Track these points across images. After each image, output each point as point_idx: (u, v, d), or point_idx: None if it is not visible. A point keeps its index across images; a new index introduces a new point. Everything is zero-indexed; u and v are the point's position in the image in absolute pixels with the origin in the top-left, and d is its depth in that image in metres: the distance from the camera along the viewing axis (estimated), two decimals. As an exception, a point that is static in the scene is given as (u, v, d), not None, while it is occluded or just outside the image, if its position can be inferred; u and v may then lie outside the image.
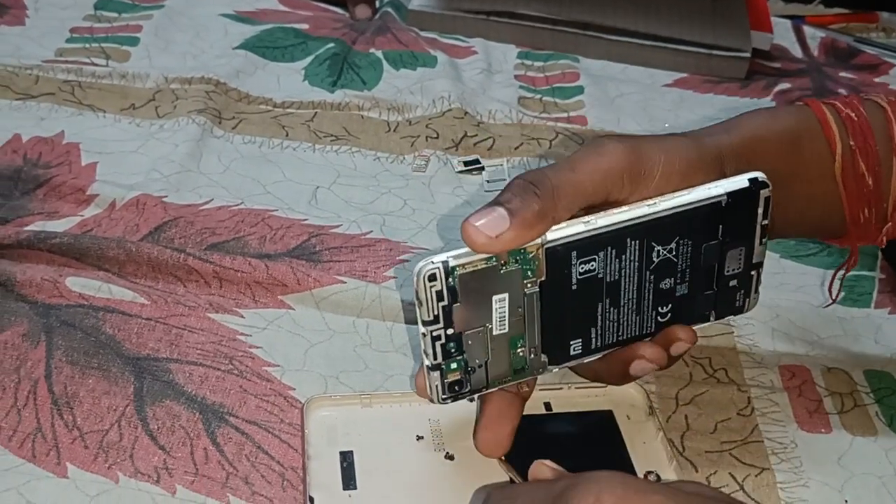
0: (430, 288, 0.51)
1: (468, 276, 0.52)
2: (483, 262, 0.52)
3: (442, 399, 0.55)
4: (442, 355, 0.54)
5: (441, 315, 0.52)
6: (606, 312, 0.56)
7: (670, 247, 0.55)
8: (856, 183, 0.61)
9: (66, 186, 0.78)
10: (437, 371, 0.54)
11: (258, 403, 0.63)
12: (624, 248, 0.54)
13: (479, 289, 0.53)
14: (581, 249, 0.53)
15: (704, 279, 0.58)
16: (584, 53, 1.05)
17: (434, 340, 0.53)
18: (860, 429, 0.66)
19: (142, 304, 0.68)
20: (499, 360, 0.55)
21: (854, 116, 0.61)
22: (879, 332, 0.74)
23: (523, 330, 0.55)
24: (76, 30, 1.00)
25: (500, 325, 0.54)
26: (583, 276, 0.54)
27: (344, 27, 1.06)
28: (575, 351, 0.57)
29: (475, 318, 0.53)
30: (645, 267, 0.55)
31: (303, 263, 0.73)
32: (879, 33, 1.17)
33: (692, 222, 0.55)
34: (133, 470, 0.58)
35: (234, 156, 0.84)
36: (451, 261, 0.51)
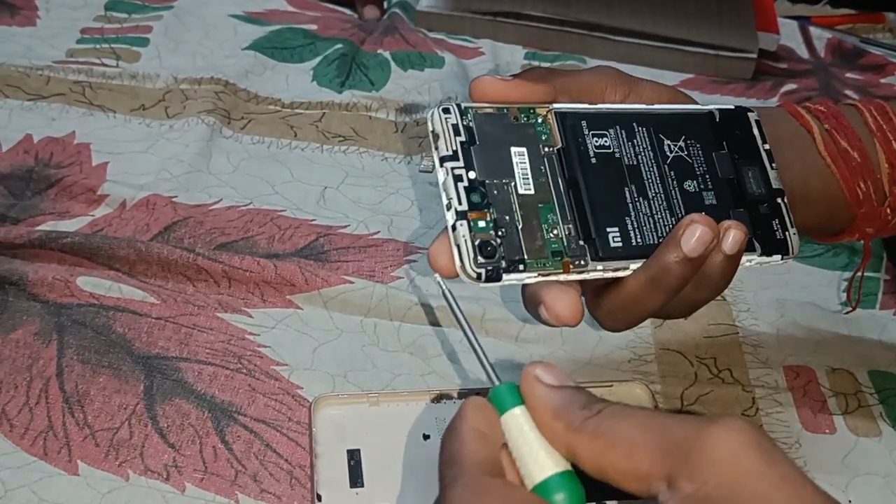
0: (446, 121, 0.50)
1: (483, 116, 0.51)
2: (493, 108, 0.52)
3: (475, 265, 0.49)
4: (467, 203, 0.49)
5: (461, 152, 0.50)
6: (636, 202, 0.54)
7: (679, 144, 0.56)
8: (842, 157, 0.62)
9: (77, 186, 0.79)
10: (463, 222, 0.49)
11: (266, 402, 0.63)
12: (633, 132, 0.55)
13: (496, 135, 0.51)
14: (591, 121, 0.54)
15: (729, 192, 0.56)
16: (590, 54, 1.06)
17: (456, 181, 0.49)
18: (864, 429, 0.66)
19: (152, 304, 0.69)
20: (531, 230, 0.51)
21: (823, 109, 0.64)
22: (884, 333, 0.74)
23: (552, 198, 0.52)
24: (87, 30, 1.01)
25: (525, 182, 0.51)
26: (599, 151, 0.54)
27: (352, 28, 1.06)
28: (615, 242, 0.53)
29: (496, 168, 0.50)
30: (661, 159, 0.55)
31: (311, 263, 0.73)
32: (886, 34, 1.17)
33: (693, 126, 0.57)
34: (143, 468, 0.59)
35: (243, 156, 0.85)
36: (462, 103, 0.51)
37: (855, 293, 0.74)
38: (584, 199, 0.52)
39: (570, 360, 0.69)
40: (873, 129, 0.63)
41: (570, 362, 0.68)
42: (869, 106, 0.64)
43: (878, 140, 0.63)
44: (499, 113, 0.52)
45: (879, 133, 0.63)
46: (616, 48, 1.06)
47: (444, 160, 0.50)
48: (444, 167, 0.50)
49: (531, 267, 0.51)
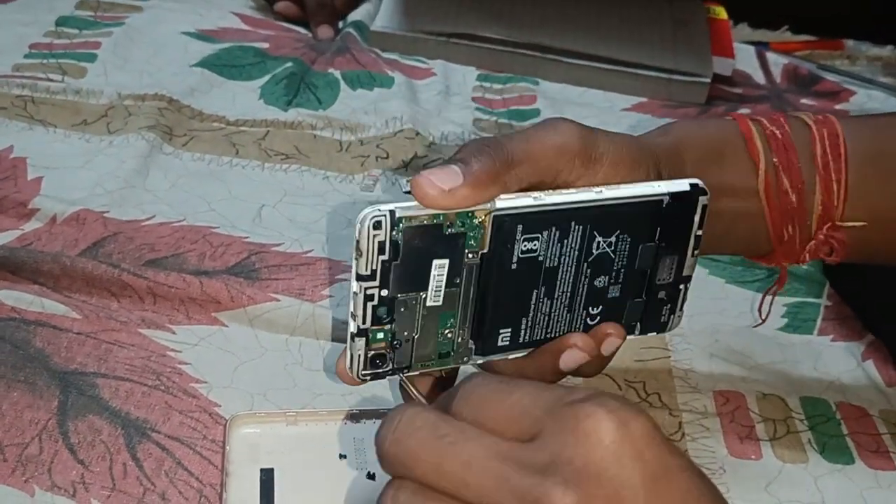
0: (373, 237, 0.50)
1: (413, 230, 0.50)
2: (430, 218, 0.51)
3: (361, 374, 0.53)
4: (371, 320, 0.51)
5: (379, 271, 0.50)
6: (540, 303, 0.55)
7: (610, 240, 0.55)
8: (779, 199, 0.61)
9: (8, 200, 0.78)
10: (362, 338, 0.52)
11: (182, 420, 0.62)
12: (567, 231, 0.54)
13: (422, 248, 0.51)
14: (527, 224, 0.53)
15: (636, 284, 0.57)
16: (544, 76, 1.06)
17: (366, 300, 0.51)
18: (791, 456, 0.65)
19: (73, 319, 0.68)
20: (426, 338, 0.54)
21: (778, 134, 0.62)
22: (819, 360, 0.73)
23: (456, 306, 0.54)
24: (35, 45, 1.00)
25: (435, 295, 0.52)
26: (524, 256, 0.53)
27: (304, 47, 1.06)
28: (503, 342, 0.56)
29: (411, 283, 0.52)
30: (584, 258, 0.55)
31: (239, 280, 0.73)
32: (844, 61, 1.17)
33: (634, 218, 0.56)
34: (50, 484, 0.58)
35: (182, 173, 0.84)
36: (398, 211, 0.50)
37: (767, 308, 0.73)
38: (487, 305, 0.54)
39: (496, 381, 0.68)
40: (819, 165, 0.61)
41: (495, 384, 0.67)
42: (822, 130, 0.62)
43: (820, 179, 0.61)
44: (433, 223, 0.51)
45: (824, 171, 0.61)
46: (569, 71, 1.05)
47: (360, 277, 0.51)
48: (359, 283, 0.51)
49: (415, 368, 0.54)
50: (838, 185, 0.61)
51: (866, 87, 1.10)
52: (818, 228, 0.62)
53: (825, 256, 0.62)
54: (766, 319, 0.70)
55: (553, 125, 0.55)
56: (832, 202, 0.61)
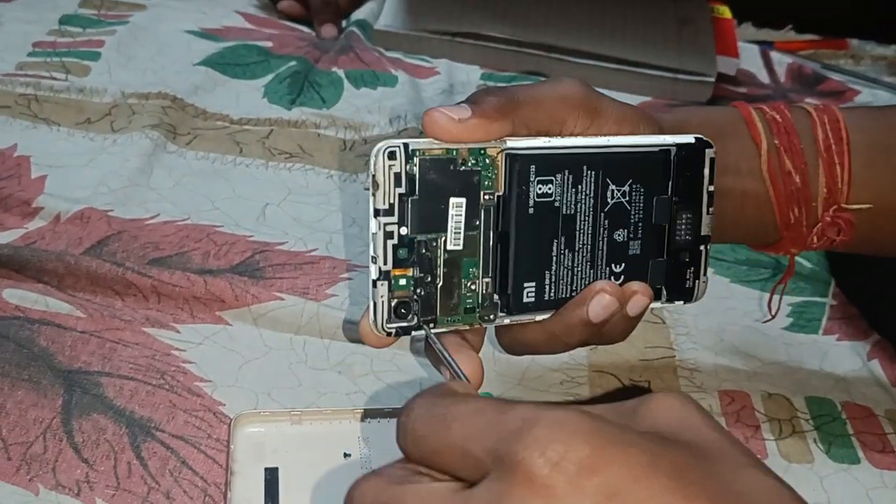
0: (388, 168, 0.49)
1: (429, 162, 0.50)
2: (443, 152, 0.51)
3: (386, 327, 0.52)
4: (392, 261, 0.51)
5: (397, 205, 0.50)
6: (561, 254, 0.55)
7: (624, 189, 0.55)
8: (783, 180, 0.61)
9: (12, 199, 0.78)
10: (384, 283, 0.51)
11: (186, 418, 0.62)
12: (580, 177, 0.54)
13: (438, 184, 0.51)
14: (540, 165, 0.53)
15: (656, 241, 0.57)
16: (548, 75, 1.05)
17: (386, 238, 0.50)
18: (797, 456, 0.65)
19: (78, 318, 0.68)
20: (450, 287, 0.53)
21: (778, 118, 0.62)
22: (825, 359, 0.73)
23: (478, 252, 0.53)
24: (39, 44, 1.00)
25: (456, 237, 0.52)
26: (540, 199, 0.53)
27: (308, 46, 1.06)
28: (528, 297, 0.55)
29: (431, 221, 0.51)
30: (600, 206, 0.55)
31: (243, 279, 0.72)
32: (848, 60, 1.17)
33: (644, 167, 0.56)
34: (54, 483, 0.58)
35: (186, 171, 0.84)
36: (412, 144, 0.50)
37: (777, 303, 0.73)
38: (510, 253, 0.53)
39: (501, 380, 0.68)
40: (821, 148, 0.62)
41: (500, 383, 0.67)
42: (823, 116, 0.63)
43: (823, 162, 0.62)
44: (446, 157, 0.51)
45: (826, 154, 0.62)
46: (573, 70, 1.05)
47: (378, 213, 0.50)
48: (377, 219, 0.50)
49: (441, 324, 0.53)
50: (841, 168, 0.62)
51: (871, 87, 1.10)
52: (824, 211, 0.62)
53: (834, 237, 0.62)
54: (775, 315, 0.70)
55: (558, 79, 0.56)
56: (836, 184, 0.62)
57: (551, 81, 0.56)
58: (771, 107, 0.64)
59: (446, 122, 0.50)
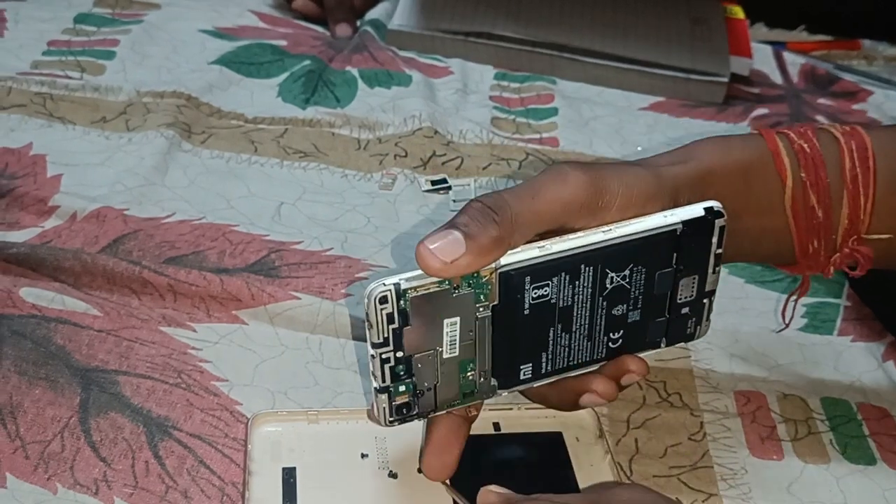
0: (380, 311, 0.51)
1: (420, 299, 0.51)
2: (436, 285, 0.51)
3: (389, 422, 0.54)
4: (390, 378, 0.53)
5: (391, 338, 0.52)
6: (558, 338, 0.55)
7: (624, 274, 0.55)
8: (805, 215, 0.60)
9: (28, 197, 0.78)
10: (384, 394, 0.53)
11: (203, 418, 0.62)
12: (578, 274, 0.54)
13: (431, 312, 0.52)
14: (535, 275, 0.53)
15: (657, 306, 0.57)
16: (561, 75, 1.05)
17: (383, 363, 0.52)
18: (812, 456, 0.65)
19: (94, 316, 0.68)
20: (448, 384, 0.55)
21: (807, 148, 0.60)
22: (840, 360, 0.73)
23: (474, 354, 0.54)
24: (54, 43, 1.00)
25: (451, 348, 0.53)
26: (535, 302, 0.54)
27: (322, 45, 1.06)
28: (525, 375, 0.56)
29: (426, 342, 0.53)
30: (598, 293, 0.55)
31: (259, 278, 0.73)
32: (861, 61, 1.16)
33: (647, 250, 0.55)
34: (72, 481, 0.58)
35: (201, 170, 0.84)
36: (402, 283, 0.51)
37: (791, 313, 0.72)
38: (506, 348, 0.55)
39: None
40: (847, 179, 0.60)
41: (516, 383, 0.67)
42: (851, 143, 0.61)
43: (848, 194, 0.60)
44: (438, 290, 0.51)
45: (852, 185, 0.60)
46: (586, 70, 1.05)
47: (374, 345, 0.52)
48: (373, 349, 0.52)
49: (441, 409, 0.56)
50: (865, 199, 0.60)
51: (884, 87, 1.10)
52: (843, 241, 0.61)
53: (848, 270, 0.62)
54: (789, 324, 0.70)
55: (558, 176, 0.54)
56: (858, 216, 0.61)
57: (552, 182, 0.54)
58: (798, 133, 0.61)
59: (439, 267, 0.50)
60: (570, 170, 0.54)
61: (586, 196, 0.54)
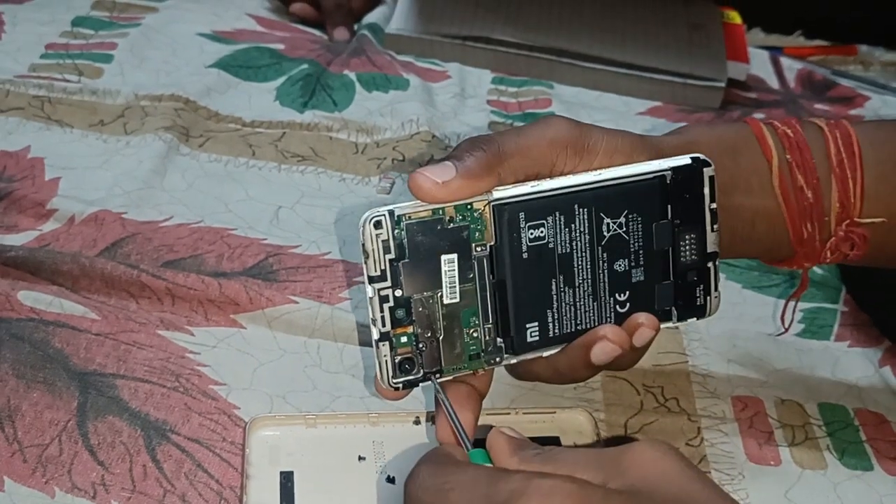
0: (376, 237, 0.51)
1: (415, 225, 0.51)
2: (429, 213, 0.51)
3: (393, 383, 0.53)
4: (391, 322, 0.52)
5: (389, 271, 0.51)
6: (562, 292, 0.55)
7: (620, 221, 0.55)
8: (795, 196, 0.61)
9: (26, 200, 0.78)
10: (385, 343, 0.52)
11: (201, 421, 0.62)
12: (573, 216, 0.54)
13: (427, 244, 0.52)
14: (529, 211, 0.53)
15: (660, 265, 0.57)
16: (559, 80, 1.05)
17: (382, 302, 0.52)
18: (810, 462, 0.65)
19: (92, 320, 0.68)
20: (452, 339, 0.54)
21: (790, 133, 0.62)
22: (837, 365, 0.73)
23: (476, 302, 0.54)
24: (52, 46, 1.00)
25: (451, 291, 0.53)
26: (533, 244, 0.54)
27: (320, 49, 1.06)
28: (532, 337, 0.55)
29: (424, 280, 0.52)
30: (596, 241, 0.55)
31: (257, 282, 0.73)
32: (857, 66, 1.17)
33: (639, 196, 0.56)
34: (70, 485, 0.58)
35: (199, 174, 0.84)
36: (397, 209, 0.51)
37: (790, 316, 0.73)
38: (508, 299, 0.54)
39: (514, 385, 0.67)
40: (833, 163, 0.62)
41: (513, 387, 0.67)
42: (835, 132, 0.63)
43: (836, 177, 0.62)
44: (433, 218, 0.52)
45: (839, 169, 0.62)
46: (584, 75, 1.05)
47: (371, 279, 0.52)
48: (371, 286, 0.52)
49: (447, 373, 0.55)
50: (854, 183, 0.61)
51: (880, 93, 1.10)
52: (837, 226, 0.62)
53: (847, 252, 0.62)
54: (788, 328, 0.70)
55: (545, 120, 0.57)
56: (849, 199, 0.61)
57: (537, 124, 0.56)
58: (782, 122, 0.63)
59: (430, 186, 0.51)
60: (555, 116, 0.57)
61: (571, 136, 0.56)
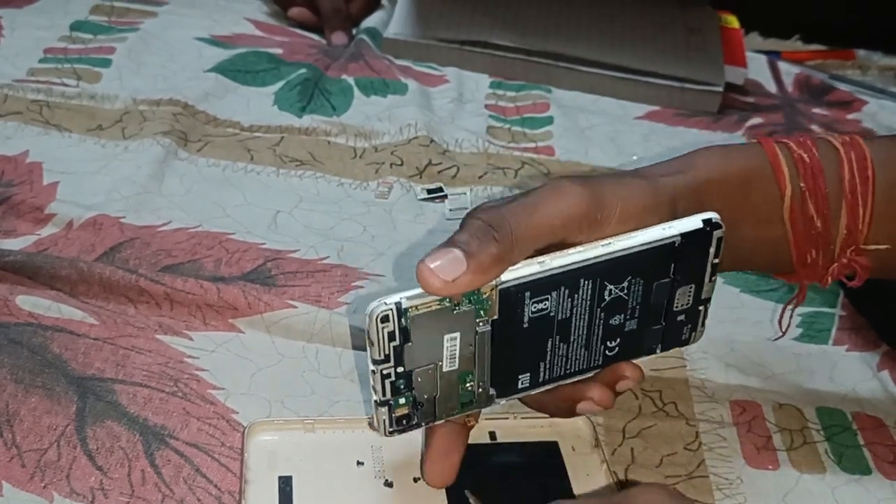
0: (382, 329, 0.51)
1: (421, 317, 0.52)
2: (436, 303, 0.52)
3: (389, 432, 0.55)
4: (391, 392, 0.53)
5: (392, 355, 0.52)
6: (556, 348, 0.56)
7: (622, 286, 0.55)
8: (804, 225, 0.61)
9: (24, 205, 0.78)
10: (385, 406, 0.54)
11: (200, 426, 0.62)
12: (577, 287, 0.54)
13: (432, 329, 0.52)
14: (535, 290, 0.53)
15: (653, 315, 0.58)
16: (556, 84, 1.06)
17: (384, 378, 0.53)
18: (808, 466, 0.65)
19: (91, 325, 0.68)
20: (448, 395, 0.55)
21: (806, 158, 0.61)
22: (835, 370, 0.73)
23: (473, 366, 0.55)
24: (50, 50, 1.00)
25: (451, 362, 0.54)
26: (535, 315, 0.54)
27: (318, 53, 1.06)
28: (523, 384, 0.57)
29: (426, 357, 0.53)
30: (596, 305, 0.55)
31: (255, 287, 0.73)
32: (855, 70, 1.17)
33: (645, 262, 0.55)
34: (69, 490, 0.58)
35: (197, 178, 0.84)
36: (404, 302, 0.51)
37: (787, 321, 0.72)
38: (504, 360, 0.55)
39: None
40: (846, 190, 0.60)
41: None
42: (850, 153, 0.61)
43: (847, 204, 0.60)
44: (439, 308, 0.52)
45: (851, 196, 0.60)
46: (582, 79, 1.06)
47: (375, 362, 0.52)
48: (374, 365, 0.52)
49: (440, 418, 0.56)
50: (864, 209, 0.61)
51: (878, 97, 1.10)
52: (841, 252, 0.61)
53: (846, 280, 0.62)
54: (785, 332, 0.70)
55: (557, 191, 0.54)
56: (857, 227, 0.61)
57: (549, 197, 0.54)
58: (798, 143, 0.61)
59: (440, 286, 0.50)
60: (569, 184, 0.54)
61: (585, 210, 0.54)
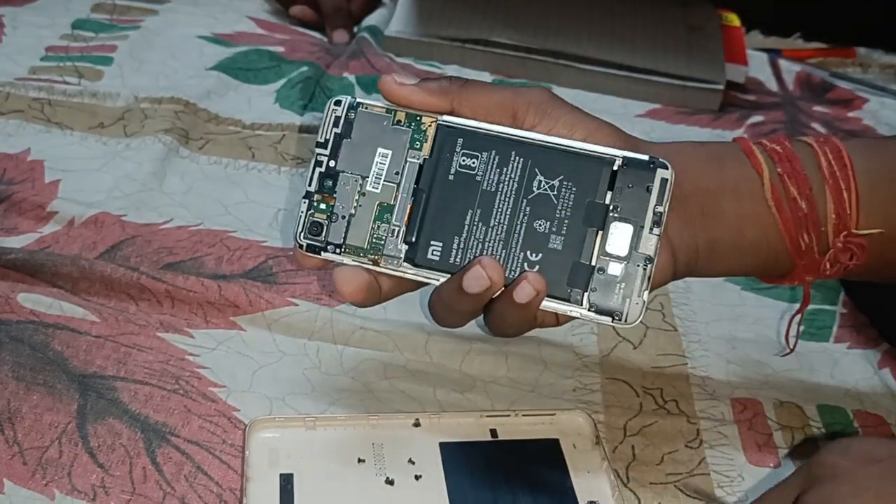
0: (332, 112, 0.59)
1: (368, 115, 0.59)
2: (383, 109, 0.59)
3: (300, 237, 0.58)
4: (317, 185, 0.58)
5: (331, 142, 0.58)
6: (474, 226, 0.57)
7: (552, 183, 0.57)
8: (789, 206, 0.61)
9: (26, 203, 0.78)
10: (307, 200, 0.58)
11: (201, 424, 0.62)
12: (507, 160, 0.57)
13: (371, 134, 0.58)
14: (467, 139, 0.58)
15: (580, 241, 0.57)
16: (557, 82, 1.06)
17: (316, 165, 0.58)
18: (809, 463, 0.65)
19: (92, 322, 0.68)
20: (361, 222, 0.58)
21: (779, 149, 0.62)
22: (836, 367, 0.73)
23: (393, 201, 0.58)
24: (52, 48, 1.00)
25: (376, 182, 0.58)
26: (462, 169, 0.58)
27: (320, 51, 1.06)
28: (433, 255, 0.58)
29: (357, 163, 0.58)
30: (523, 193, 0.57)
31: (256, 285, 0.73)
32: (856, 68, 1.17)
33: (580, 168, 0.57)
34: (70, 487, 0.58)
35: (198, 176, 0.84)
36: (359, 98, 0.59)
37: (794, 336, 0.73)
38: (422, 209, 0.58)
39: (514, 387, 0.68)
40: (826, 175, 0.61)
41: (513, 390, 0.68)
42: (825, 147, 0.62)
43: (829, 188, 0.61)
44: (385, 114, 0.59)
45: (832, 180, 0.61)
46: (583, 77, 1.06)
47: (317, 144, 0.59)
48: (315, 150, 0.59)
49: (347, 252, 0.58)
50: (849, 192, 0.61)
51: (879, 95, 1.10)
52: (835, 237, 0.62)
53: (847, 262, 0.62)
54: (794, 349, 0.70)
55: (526, 88, 0.60)
56: (845, 210, 0.61)
57: (517, 87, 0.60)
58: (771, 140, 0.63)
59: (389, 81, 0.58)
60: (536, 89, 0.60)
61: (539, 98, 0.59)
